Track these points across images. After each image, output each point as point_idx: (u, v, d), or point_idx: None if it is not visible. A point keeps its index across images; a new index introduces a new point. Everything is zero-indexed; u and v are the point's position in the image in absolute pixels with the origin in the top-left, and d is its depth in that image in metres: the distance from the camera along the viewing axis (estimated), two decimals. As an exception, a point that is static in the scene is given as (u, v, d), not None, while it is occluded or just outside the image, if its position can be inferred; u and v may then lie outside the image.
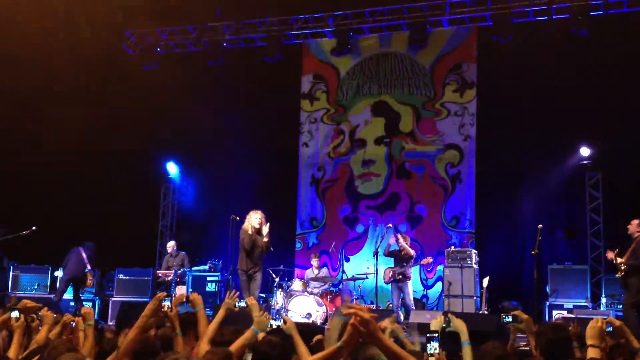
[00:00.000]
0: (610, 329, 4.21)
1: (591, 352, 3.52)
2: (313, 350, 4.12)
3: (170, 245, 12.72)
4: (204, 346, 4.37)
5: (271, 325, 4.19)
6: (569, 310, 10.24)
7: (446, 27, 13.02)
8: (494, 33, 12.14)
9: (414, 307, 10.85)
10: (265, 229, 9.84)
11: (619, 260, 9.17)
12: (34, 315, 4.85)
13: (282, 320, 4.37)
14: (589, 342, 3.61)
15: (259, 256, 9.91)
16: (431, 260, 11.45)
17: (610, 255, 9.36)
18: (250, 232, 9.77)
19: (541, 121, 11.97)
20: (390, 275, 11.04)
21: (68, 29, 12.56)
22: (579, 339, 4.63)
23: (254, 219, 9.83)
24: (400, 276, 10.92)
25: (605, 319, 3.83)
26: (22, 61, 12.71)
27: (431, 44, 13.09)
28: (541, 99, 11.99)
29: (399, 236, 11.18)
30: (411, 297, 11.06)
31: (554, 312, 10.41)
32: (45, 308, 5.07)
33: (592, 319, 4.02)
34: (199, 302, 5.00)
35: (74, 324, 5.03)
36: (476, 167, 12.68)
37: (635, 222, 9.31)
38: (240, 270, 9.92)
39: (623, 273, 9.12)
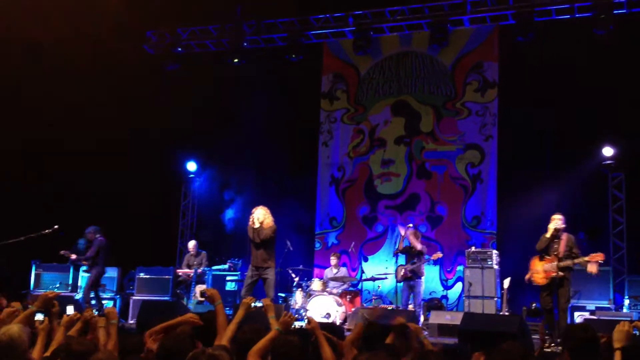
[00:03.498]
0: (638, 332, 4.17)
1: (619, 356, 3.49)
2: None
3: (192, 245, 12.80)
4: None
5: (295, 326, 4.16)
6: (592, 312, 10.13)
7: (467, 26, 12.94)
8: (516, 32, 12.04)
9: (421, 310, 10.73)
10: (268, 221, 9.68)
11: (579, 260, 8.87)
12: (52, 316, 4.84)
13: (306, 320, 4.35)
14: (616, 345, 3.57)
15: (266, 251, 9.60)
16: (441, 255, 11.22)
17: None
18: (253, 225, 9.55)
19: (564, 121, 11.84)
20: (402, 274, 10.94)
21: (90, 29, 12.65)
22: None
23: (256, 213, 9.69)
24: (411, 274, 10.82)
25: (631, 322, 3.79)
26: (43, 64, 12.86)
27: (452, 43, 13.01)
28: (564, 98, 11.85)
29: (409, 232, 11.02)
30: (421, 298, 10.89)
31: (576, 314, 10.29)
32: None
33: (614, 320, 3.99)
34: (217, 297, 4.97)
35: (95, 321, 5.04)
36: (497, 167, 12.58)
37: (561, 217, 9.04)
38: (250, 266, 9.74)
39: (561, 273, 8.83)
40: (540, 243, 9.09)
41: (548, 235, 8.98)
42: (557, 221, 9.04)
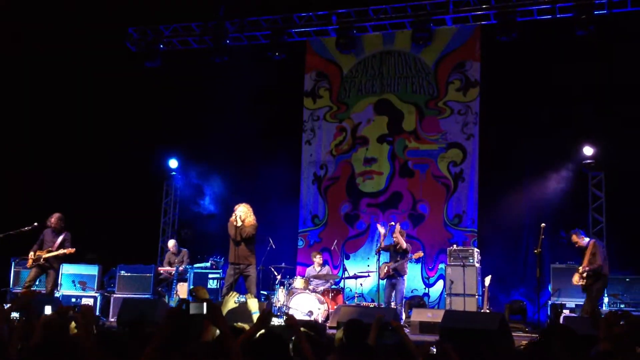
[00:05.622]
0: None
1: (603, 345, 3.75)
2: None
3: (172, 243, 12.74)
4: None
5: (275, 323, 4.13)
6: (572, 310, 10.23)
7: (450, 25, 12.99)
8: (498, 32, 12.11)
9: (402, 308, 10.78)
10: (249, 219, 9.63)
11: (580, 269, 9.23)
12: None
13: (285, 316, 4.32)
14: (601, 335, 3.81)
15: (247, 247, 9.48)
16: (422, 254, 11.36)
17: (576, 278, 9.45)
18: (235, 223, 9.44)
19: (544, 120, 11.94)
20: (385, 271, 10.98)
21: (71, 25, 12.56)
22: None
23: (238, 210, 9.62)
24: (394, 272, 10.86)
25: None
26: (22, 59, 12.75)
27: (435, 42, 13.06)
28: (545, 98, 11.96)
29: (395, 230, 11.06)
30: (402, 296, 10.95)
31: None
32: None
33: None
34: (203, 294, 4.94)
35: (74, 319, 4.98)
36: (479, 165, 12.66)
37: (575, 236, 9.53)
38: (229, 264, 9.64)
39: (585, 281, 9.16)
40: None
41: None
42: (580, 241, 9.47)
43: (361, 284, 11.83)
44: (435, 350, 3.85)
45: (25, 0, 11.95)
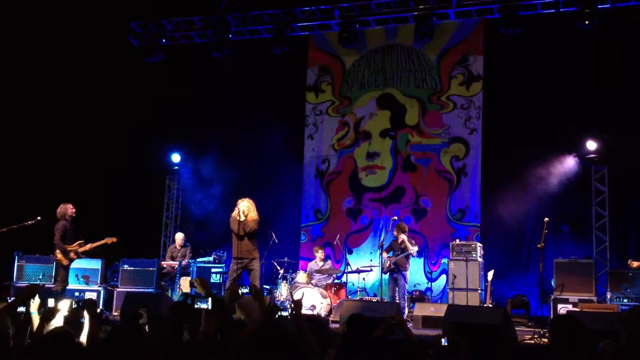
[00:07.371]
0: None
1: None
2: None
3: (180, 237, 12.74)
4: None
5: (280, 315, 4.13)
6: (574, 304, 10.22)
7: (453, 19, 12.96)
8: (501, 25, 12.06)
9: (405, 302, 10.78)
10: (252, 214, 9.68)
11: (635, 264, 9.24)
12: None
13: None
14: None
15: (250, 242, 9.60)
16: (417, 248, 11.28)
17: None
18: (238, 218, 9.55)
19: (547, 114, 11.91)
20: (387, 265, 10.96)
21: (73, 19, 12.54)
22: None
23: (241, 205, 9.67)
24: (394, 266, 10.84)
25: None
26: (23, 54, 12.73)
27: (437, 36, 13.02)
28: (548, 92, 11.93)
29: (402, 235, 10.99)
30: (405, 291, 10.94)
31: (559, 306, 10.37)
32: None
33: (597, 312, 4.07)
34: (204, 285, 4.93)
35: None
36: (482, 160, 12.64)
37: None
38: (233, 259, 9.74)
39: None
40: None
41: None
42: None
43: (364, 279, 11.84)
44: (446, 342, 3.84)
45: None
